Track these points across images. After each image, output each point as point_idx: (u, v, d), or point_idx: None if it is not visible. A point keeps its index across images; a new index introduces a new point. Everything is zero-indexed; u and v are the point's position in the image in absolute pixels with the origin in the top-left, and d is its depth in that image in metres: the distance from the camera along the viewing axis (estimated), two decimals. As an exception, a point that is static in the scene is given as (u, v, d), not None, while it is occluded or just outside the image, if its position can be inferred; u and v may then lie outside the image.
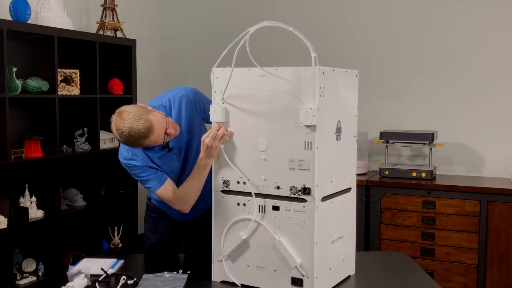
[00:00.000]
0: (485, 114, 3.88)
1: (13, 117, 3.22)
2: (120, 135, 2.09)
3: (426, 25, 4.01)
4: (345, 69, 2.08)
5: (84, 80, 3.65)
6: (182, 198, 2.27)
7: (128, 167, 2.29)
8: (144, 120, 2.06)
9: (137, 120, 2.06)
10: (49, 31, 3.29)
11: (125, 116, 2.07)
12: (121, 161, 2.30)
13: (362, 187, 3.69)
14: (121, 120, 2.07)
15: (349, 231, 2.20)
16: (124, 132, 2.07)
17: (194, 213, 2.53)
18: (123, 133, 2.07)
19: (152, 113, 2.12)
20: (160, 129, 2.11)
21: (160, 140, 2.14)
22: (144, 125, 2.06)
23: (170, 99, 2.33)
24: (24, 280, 3.21)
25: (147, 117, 2.08)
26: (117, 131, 2.09)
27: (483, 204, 3.44)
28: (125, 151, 2.28)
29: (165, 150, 2.29)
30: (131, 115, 2.07)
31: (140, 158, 2.27)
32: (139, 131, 2.06)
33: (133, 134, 2.06)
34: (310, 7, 4.33)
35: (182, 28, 4.82)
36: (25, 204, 3.23)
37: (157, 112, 2.18)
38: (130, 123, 2.05)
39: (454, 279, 3.54)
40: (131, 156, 2.27)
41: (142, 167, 2.27)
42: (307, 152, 1.91)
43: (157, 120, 2.10)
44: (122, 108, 2.12)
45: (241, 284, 2.09)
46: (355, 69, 2.20)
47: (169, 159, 2.32)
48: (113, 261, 2.37)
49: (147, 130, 2.07)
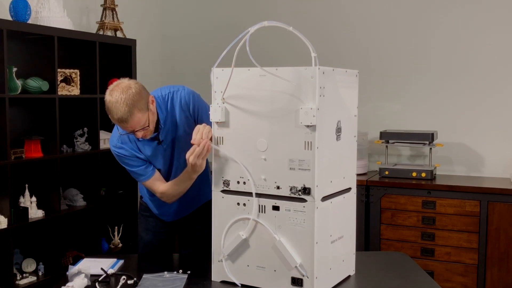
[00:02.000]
0: (485, 114, 3.88)
1: (13, 117, 3.22)
2: (106, 98, 2.16)
3: (426, 25, 4.01)
4: (345, 69, 2.08)
5: (84, 80, 3.65)
6: (166, 195, 2.35)
7: (117, 155, 2.35)
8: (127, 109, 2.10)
9: (122, 104, 2.10)
10: (49, 31, 3.29)
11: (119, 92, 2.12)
12: (111, 148, 2.37)
13: (362, 187, 3.69)
14: (116, 91, 2.13)
15: (349, 231, 2.19)
16: (107, 99, 2.15)
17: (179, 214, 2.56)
18: (106, 99, 2.15)
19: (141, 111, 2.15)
20: (131, 127, 2.16)
21: (124, 129, 2.19)
22: (122, 112, 2.10)
23: (169, 94, 2.36)
24: (24, 280, 3.21)
25: (133, 110, 2.11)
26: (108, 91, 2.17)
27: (483, 204, 3.44)
28: (115, 137, 2.34)
29: (154, 142, 2.34)
30: (123, 97, 2.11)
31: (129, 147, 2.32)
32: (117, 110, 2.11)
33: (109, 107, 2.13)
34: (310, 7, 4.33)
35: (182, 28, 4.82)
36: (25, 204, 3.23)
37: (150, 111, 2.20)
38: (116, 99, 2.11)
39: (454, 279, 3.54)
40: (120, 144, 2.33)
41: (130, 156, 2.33)
42: (307, 152, 1.91)
43: (136, 121, 2.14)
44: (128, 83, 2.17)
45: (241, 284, 2.09)
46: (355, 69, 2.20)
47: (157, 151, 2.36)
48: (113, 261, 2.37)
49: (120, 118, 2.12)
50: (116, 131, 2.34)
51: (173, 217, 2.58)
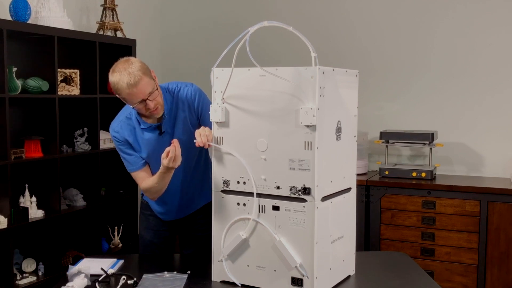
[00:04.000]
0: (485, 114, 3.88)
1: (13, 117, 3.22)
2: (110, 77, 2.21)
3: (426, 25, 4.01)
4: (345, 69, 2.08)
5: (84, 80, 3.65)
6: (147, 190, 2.39)
7: (114, 138, 2.41)
8: (135, 73, 2.17)
9: (128, 70, 2.18)
10: (49, 31, 3.29)
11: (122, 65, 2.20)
12: (110, 131, 2.43)
13: (362, 187, 3.69)
14: (117, 66, 2.22)
15: (349, 231, 2.20)
16: (111, 76, 2.20)
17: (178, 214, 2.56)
18: (111, 77, 2.20)
19: (147, 76, 2.23)
20: (140, 92, 2.20)
21: (135, 100, 2.21)
22: (131, 75, 2.17)
23: (176, 88, 2.42)
24: (24, 280, 3.21)
25: (140, 73, 2.19)
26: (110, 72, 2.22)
27: (483, 204, 3.44)
28: (116, 122, 2.40)
29: (156, 133, 2.34)
30: (126, 66, 2.19)
31: (126, 135, 2.37)
32: (123, 78, 2.17)
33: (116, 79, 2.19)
34: (311, 6, 4.33)
35: (182, 28, 4.82)
36: (25, 204, 3.23)
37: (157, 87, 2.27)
38: (120, 70, 2.19)
39: (454, 279, 3.54)
40: (119, 129, 2.38)
41: (126, 143, 2.38)
42: (307, 152, 1.91)
43: (145, 83, 2.21)
44: (126, 58, 2.25)
45: (241, 284, 2.09)
46: (355, 69, 2.20)
47: (158, 143, 2.35)
48: (113, 261, 2.37)
49: (129, 81, 2.17)
50: (121, 114, 2.40)
51: (174, 217, 2.57)
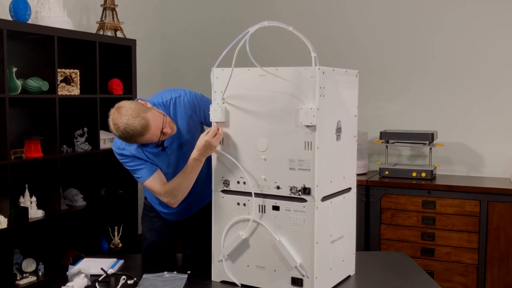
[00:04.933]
0: (485, 114, 3.88)
1: (13, 117, 3.22)
2: (117, 130, 2.13)
3: (426, 25, 4.01)
4: (345, 69, 2.08)
5: (84, 80, 3.64)
6: (171, 192, 2.28)
7: (121, 155, 2.33)
8: (141, 118, 2.10)
9: (135, 117, 2.09)
10: (49, 31, 3.29)
11: (124, 112, 2.11)
12: (114, 149, 2.35)
13: (362, 187, 3.69)
14: (119, 116, 2.11)
15: (349, 231, 2.20)
16: (120, 128, 2.11)
17: (183, 214, 2.54)
18: (119, 129, 2.11)
19: (150, 111, 2.15)
20: (156, 128, 2.15)
21: (155, 138, 2.18)
22: (140, 123, 2.09)
23: (171, 100, 2.34)
24: (24, 280, 3.21)
25: (145, 115, 2.11)
26: (114, 125, 2.13)
27: (483, 204, 3.44)
28: (119, 140, 2.31)
29: (159, 148, 2.32)
30: (129, 112, 2.10)
31: (133, 148, 2.30)
32: (135, 128, 2.10)
33: (129, 131, 2.10)
34: (311, 6, 4.33)
35: (182, 28, 4.82)
36: (25, 204, 3.23)
37: (156, 110, 2.20)
38: (127, 119, 2.09)
39: (454, 279, 3.54)
40: (124, 146, 2.31)
41: (133, 157, 2.31)
42: (307, 152, 1.91)
43: (154, 119, 2.14)
44: (121, 104, 2.16)
45: (241, 284, 2.09)
46: (355, 69, 2.20)
47: (162, 157, 2.34)
48: (113, 261, 2.37)
49: (143, 128, 2.10)
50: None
51: (178, 217, 2.55)
